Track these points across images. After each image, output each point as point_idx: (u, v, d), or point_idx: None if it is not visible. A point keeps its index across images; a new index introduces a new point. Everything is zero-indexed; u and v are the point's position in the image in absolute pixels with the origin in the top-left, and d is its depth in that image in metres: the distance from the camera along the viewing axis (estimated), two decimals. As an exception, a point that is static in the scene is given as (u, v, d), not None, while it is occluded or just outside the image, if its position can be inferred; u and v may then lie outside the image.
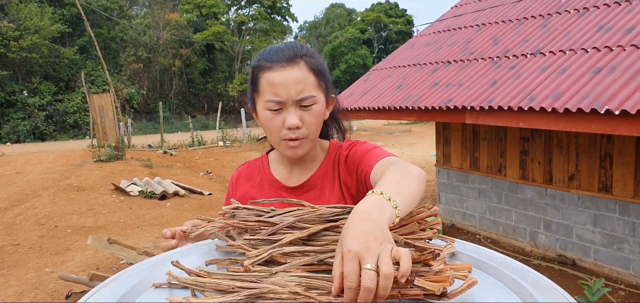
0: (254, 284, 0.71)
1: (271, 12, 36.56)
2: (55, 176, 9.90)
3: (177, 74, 31.83)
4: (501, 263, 0.82)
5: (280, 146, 1.09)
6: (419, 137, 19.94)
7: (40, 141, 22.72)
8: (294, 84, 1.02)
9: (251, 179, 1.23)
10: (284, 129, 1.05)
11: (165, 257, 0.88)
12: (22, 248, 5.71)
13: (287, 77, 1.02)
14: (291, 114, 1.04)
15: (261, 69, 1.06)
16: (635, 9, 4.52)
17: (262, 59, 1.07)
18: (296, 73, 1.03)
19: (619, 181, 4.54)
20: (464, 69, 5.47)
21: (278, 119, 1.05)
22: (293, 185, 1.18)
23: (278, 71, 1.03)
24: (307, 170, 1.19)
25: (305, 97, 1.04)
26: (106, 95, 14.87)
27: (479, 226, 6.19)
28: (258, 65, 1.07)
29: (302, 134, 1.06)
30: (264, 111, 1.06)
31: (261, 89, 1.06)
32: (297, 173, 1.19)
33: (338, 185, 1.16)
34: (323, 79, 1.09)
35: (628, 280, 4.54)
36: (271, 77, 1.03)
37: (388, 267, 0.61)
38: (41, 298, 4.30)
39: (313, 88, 1.05)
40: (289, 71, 1.03)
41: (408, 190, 0.81)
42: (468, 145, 6.22)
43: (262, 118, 1.08)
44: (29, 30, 22.86)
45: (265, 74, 1.05)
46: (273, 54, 1.06)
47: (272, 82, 1.03)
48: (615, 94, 3.52)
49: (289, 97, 1.03)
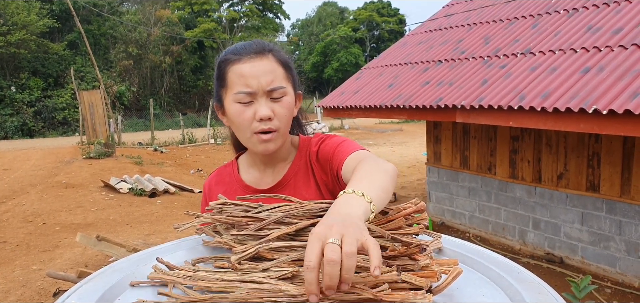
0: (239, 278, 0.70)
1: (263, 9, 36.44)
2: (43, 173, 9.79)
3: (168, 71, 31.63)
4: (487, 258, 0.83)
5: (251, 141, 1.06)
6: (410, 136, 20.00)
7: (29, 138, 22.44)
8: (264, 74, 1.01)
9: (223, 186, 1.19)
10: (255, 122, 1.02)
11: (150, 253, 0.88)
12: (9, 245, 5.65)
13: (256, 67, 1.02)
14: (262, 105, 1.02)
15: (229, 63, 1.04)
16: (624, 10, 4.58)
17: (229, 53, 1.06)
18: (266, 64, 1.03)
19: (606, 180, 4.59)
20: (454, 68, 5.50)
21: (248, 112, 1.02)
22: (265, 187, 1.15)
23: (247, 62, 1.02)
24: (279, 169, 1.16)
25: (276, 88, 1.02)
26: (96, 92, 14.74)
27: (468, 224, 6.23)
28: (225, 59, 1.06)
29: (274, 126, 1.03)
30: (233, 105, 1.04)
31: (230, 83, 1.04)
32: (270, 174, 1.16)
33: (314, 183, 1.14)
34: (291, 73, 1.09)
35: (614, 277, 4.60)
36: (240, 69, 1.02)
37: (351, 246, 0.58)
38: (28, 296, 4.26)
39: (283, 80, 1.05)
40: (259, 62, 1.02)
41: (381, 184, 0.80)
42: (458, 144, 6.26)
43: (232, 113, 1.05)
44: (16, 25, 22.57)
45: (233, 67, 1.03)
46: (240, 48, 1.05)
47: (241, 73, 1.02)
48: (603, 94, 3.56)
49: (259, 87, 1.01)
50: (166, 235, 5.97)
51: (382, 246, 0.71)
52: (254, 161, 1.17)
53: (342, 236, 0.60)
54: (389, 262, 0.69)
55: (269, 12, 37.61)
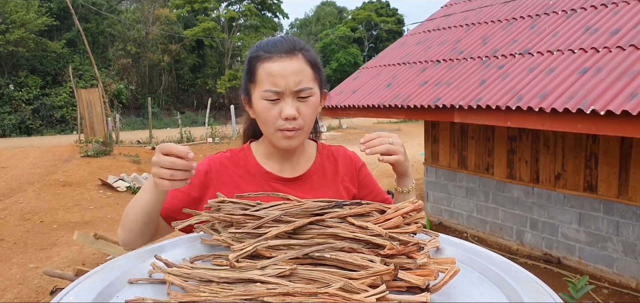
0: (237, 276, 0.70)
1: (261, 9, 36.37)
2: (41, 171, 9.77)
3: (167, 69, 31.58)
4: (484, 257, 0.83)
5: (275, 136, 1.09)
6: (408, 136, 20.01)
7: (27, 136, 22.39)
8: (292, 75, 1.04)
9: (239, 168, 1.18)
10: (280, 120, 1.05)
11: (148, 250, 0.88)
12: (7, 243, 5.63)
13: (286, 68, 1.04)
14: (288, 104, 1.04)
15: (259, 60, 1.07)
16: (622, 11, 4.59)
17: (260, 49, 1.08)
18: (295, 64, 1.04)
19: (603, 181, 4.60)
20: (453, 68, 5.51)
21: (275, 109, 1.05)
22: (288, 177, 1.17)
23: (277, 62, 1.04)
24: (299, 163, 1.19)
25: (303, 89, 1.05)
26: (94, 90, 14.70)
27: (466, 224, 6.24)
28: (256, 55, 1.08)
29: (298, 125, 1.06)
30: (260, 101, 1.06)
31: (259, 79, 1.06)
32: (289, 167, 1.18)
33: (339, 183, 1.21)
34: (319, 73, 1.11)
35: (611, 278, 4.61)
36: (270, 68, 1.04)
37: None
38: (25, 294, 4.25)
39: (310, 80, 1.07)
40: (288, 62, 1.04)
41: None
42: (456, 144, 6.26)
43: (258, 108, 1.08)
44: (15, 23, 22.50)
45: (263, 64, 1.05)
46: (271, 45, 1.07)
47: (271, 72, 1.04)
48: (601, 94, 3.57)
49: (287, 87, 1.04)
50: (164, 233, 5.96)
51: (380, 244, 0.71)
52: (272, 152, 1.19)
53: None
54: (386, 261, 0.70)
55: (267, 12, 37.53)
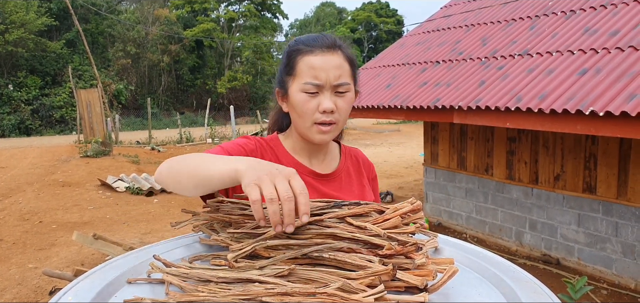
0: (235, 276, 0.70)
1: (261, 9, 36.36)
2: (40, 171, 9.77)
3: (166, 70, 31.57)
4: (483, 258, 0.83)
5: (311, 130, 1.10)
6: (407, 136, 20.03)
7: (26, 136, 22.37)
8: (333, 69, 1.06)
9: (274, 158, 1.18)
10: (318, 113, 1.07)
11: (147, 250, 0.88)
12: (5, 243, 5.63)
13: (327, 62, 1.06)
14: (327, 98, 1.07)
15: (300, 53, 1.09)
16: (621, 13, 4.59)
17: (301, 43, 1.10)
18: (336, 59, 1.07)
19: (602, 182, 4.60)
20: (452, 69, 5.51)
21: (312, 102, 1.07)
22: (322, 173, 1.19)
23: (319, 55, 1.07)
24: (326, 161, 1.22)
25: (342, 83, 1.07)
26: (94, 90, 14.69)
27: (465, 225, 6.24)
28: (296, 49, 1.10)
29: (335, 118, 1.09)
30: (299, 94, 1.08)
31: (299, 72, 1.08)
32: (317, 164, 1.21)
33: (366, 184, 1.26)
34: (355, 71, 1.14)
35: (610, 279, 4.61)
36: (312, 61, 1.06)
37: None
38: (24, 294, 4.25)
39: (348, 76, 1.10)
40: (329, 57, 1.07)
41: None
42: (456, 145, 6.27)
43: (296, 101, 1.09)
44: (14, 24, 22.48)
45: (304, 58, 1.08)
46: (312, 40, 1.10)
47: (312, 65, 1.06)
48: (600, 95, 3.57)
49: (327, 81, 1.06)
50: (163, 233, 5.97)
51: (379, 245, 0.71)
52: (301, 147, 1.20)
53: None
54: (385, 261, 0.70)
55: (267, 12, 37.53)
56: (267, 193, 0.70)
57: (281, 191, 0.71)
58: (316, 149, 1.19)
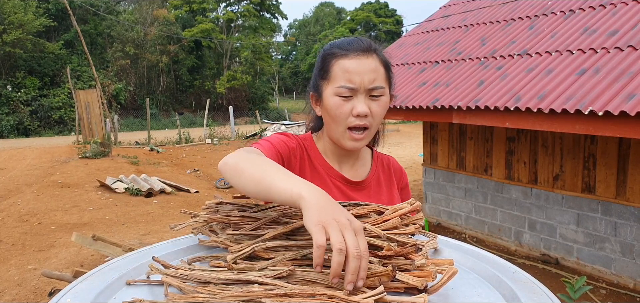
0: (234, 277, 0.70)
1: (260, 10, 36.34)
2: (39, 172, 9.75)
3: (165, 70, 31.54)
4: (482, 258, 0.83)
5: (344, 136, 1.09)
6: (407, 137, 20.03)
7: (25, 137, 22.33)
8: (368, 72, 1.05)
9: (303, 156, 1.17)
10: (351, 117, 1.06)
11: (146, 252, 0.88)
12: (4, 245, 5.62)
13: (362, 65, 1.05)
14: (361, 101, 1.06)
15: (335, 57, 1.08)
16: (620, 12, 4.60)
17: (335, 47, 1.10)
18: (371, 63, 1.06)
19: (601, 182, 4.61)
20: (451, 69, 5.51)
21: (347, 106, 1.06)
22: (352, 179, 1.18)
23: (354, 59, 1.06)
24: (356, 166, 1.20)
25: (376, 87, 1.06)
26: (92, 91, 14.66)
27: (464, 225, 6.24)
28: (331, 53, 1.09)
29: (368, 123, 1.07)
30: (333, 98, 1.07)
31: (333, 76, 1.07)
32: (347, 170, 1.19)
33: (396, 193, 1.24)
34: (390, 75, 1.13)
35: (609, 279, 4.62)
36: (346, 65, 1.05)
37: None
38: (23, 296, 4.24)
39: (383, 80, 1.08)
40: (364, 60, 1.06)
41: None
42: (455, 145, 6.27)
43: (330, 105, 1.08)
44: (12, 25, 22.45)
45: (339, 61, 1.07)
46: (347, 44, 1.09)
47: (347, 69, 1.05)
48: (599, 95, 3.57)
49: (361, 84, 1.05)
50: (162, 234, 5.96)
51: (378, 245, 0.71)
52: (331, 151, 1.19)
53: None
54: (384, 262, 0.70)
55: (266, 13, 37.51)
56: (336, 242, 0.64)
57: (351, 246, 0.64)
58: (347, 154, 1.18)
